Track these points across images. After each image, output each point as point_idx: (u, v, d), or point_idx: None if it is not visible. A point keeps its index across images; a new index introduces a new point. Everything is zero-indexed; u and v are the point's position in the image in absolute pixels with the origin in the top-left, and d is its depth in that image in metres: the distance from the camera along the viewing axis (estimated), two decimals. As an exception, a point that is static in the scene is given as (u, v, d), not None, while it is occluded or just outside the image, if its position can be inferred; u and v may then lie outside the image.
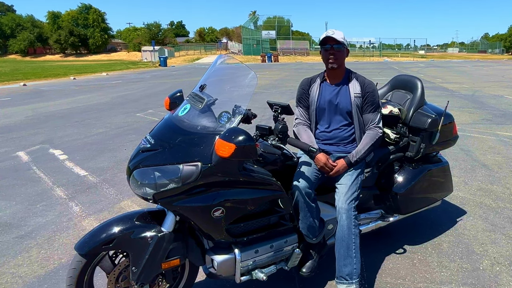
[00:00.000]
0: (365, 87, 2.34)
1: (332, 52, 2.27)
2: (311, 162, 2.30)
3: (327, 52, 2.29)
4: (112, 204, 3.81)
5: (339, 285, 2.25)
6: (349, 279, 2.21)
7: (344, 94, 2.36)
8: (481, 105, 9.68)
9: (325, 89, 2.41)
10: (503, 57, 57.00)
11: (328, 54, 2.28)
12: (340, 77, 2.39)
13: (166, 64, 33.35)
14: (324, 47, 2.29)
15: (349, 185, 2.26)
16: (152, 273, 1.90)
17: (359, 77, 2.40)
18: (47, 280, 2.56)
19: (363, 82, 2.36)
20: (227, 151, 1.68)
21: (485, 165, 4.87)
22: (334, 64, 2.30)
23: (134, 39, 66.72)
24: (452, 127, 2.97)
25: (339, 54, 2.28)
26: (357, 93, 2.33)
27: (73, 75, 22.20)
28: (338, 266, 2.25)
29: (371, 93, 2.34)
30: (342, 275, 2.22)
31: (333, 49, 2.26)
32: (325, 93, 2.40)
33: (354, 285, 2.21)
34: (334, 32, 2.26)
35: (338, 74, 2.38)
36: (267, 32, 51.55)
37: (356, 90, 2.34)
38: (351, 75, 2.40)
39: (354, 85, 2.35)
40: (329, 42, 2.26)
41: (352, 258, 2.21)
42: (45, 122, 8.12)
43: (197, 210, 1.82)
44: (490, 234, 3.11)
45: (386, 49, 65.25)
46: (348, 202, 2.22)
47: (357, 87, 2.35)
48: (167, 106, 2.15)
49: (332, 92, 2.38)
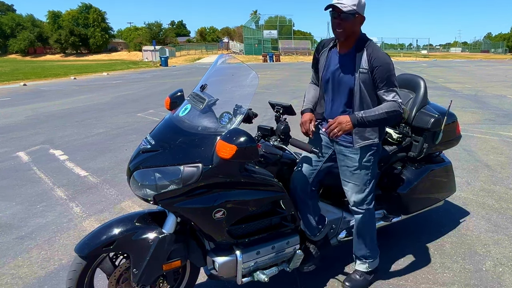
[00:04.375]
0: (372, 61, 1.96)
1: (339, 21, 1.93)
2: (309, 159, 2.25)
3: (332, 21, 1.96)
4: (113, 204, 3.79)
5: (355, 259, 2.45)
6: (364, 259, 2.41)
7: (348, 67, 2.03)
8: (483, 105, 9.65)
9: (332, 57, 2.12)
10: (506, 56, 56.87)
11: (334, 23, 1.95)
12: (350, 45, 2.05)
13: (167, 64, 33.33)
14: (331, 13, 1.95)
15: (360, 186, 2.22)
16: (153, 274, 1.88)
17: (369, 47, 2.00)
18: (47, 281, 2.54)
19: (371, 55, 1.97)
20: (228, 152, 1.66)
21: (488, 165, 4.84)
22: (341, 36, 1.98)
23: (135, 38, 66.74)
24: (455, 127, 2.95)
25: (346, 23, 1.92)
26: (363, 69, 1.98)
27: (73, 75, 22.20)
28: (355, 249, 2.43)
29: (380, 68, 1.95)
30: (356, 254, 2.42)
31: (339, 18, 1.93)
32: (331, 62, 2.12)
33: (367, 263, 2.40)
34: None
35: (348, 41, 2.04)
36: (269, 31, 51.54)
37: (363, 65, 1.99)
38: (364, 44, 2.01)
39: (362, 58, 1.99)
40: (335, 9, 1.92)
41: (366, 245, 2.36)
42: (45, 122, 8.12)
43: (198, 212, 1.80)
44: (493, 234, 3.09)
45: (388, 48, 65.22)
46: (361, 199, 2.22)
47: (364, 61, 1.98)
48: (167, 106, 2.14)
49: (338, 63, 2.08)
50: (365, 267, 2.41)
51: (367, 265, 2.41)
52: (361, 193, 2.21)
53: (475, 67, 27.88)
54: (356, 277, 2.42)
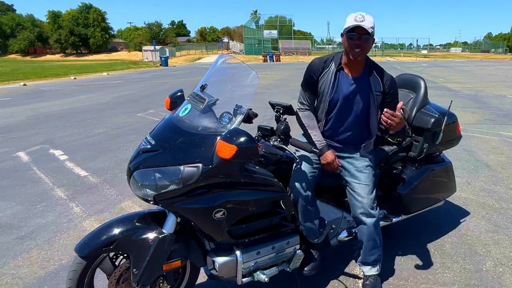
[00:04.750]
0: (387, 85, 2.12)
1: (359, 43, 1.98)
2: (307, 162, 2.22)
3: (352, 42, 1.99)
4: (113, 205, 3.79)
5: (363, 266, 2.38)
6: (375, 264, 2.35)
7: (364, 91, 2.11)
8: (484, 105, 9.64)
9: (342, 80, 2.13)
10: (506, 56, 56.82)
11: (354, 44, 1.99)
12: (360, 68, 2.13)
13: (167, 63, 33.33)
14: (350, 35, 1.99)
15: (371, 187, 2.22)
16: (153, 274, 1.88)
17: (379, 70, 2.15)
18: (48, 281, 2.54)
19: (385, 79, 2.13)
20: (228, 152, 1.66)
21: (488, 165, 4.84)
22: (360, 55, 2.03)
23: (135, 38, 66.72)
24: (456, 127, 2.95)
25: (366, 45, 2.01)
26: (378, 92, 2.11)
27: (73, 75, 22.20)
28: (364, 255, 2.35)
29: (394, 92, 2.14)
30: (368, 261, 2.34)
31: (360, 40, 1.98)
32: (342, 85, 2.13)
33: (377, 266, 2.35)
34: (364, 19, 1.95)
35: (359, 64, 2.12)
36: (269, 31, 51.52)
37: (377, 88, 2.11)
38: (372, 66, 2.14)
39: (376, 81, 2.11)
40: (357, 30, 1.96)
41: (378, 248, 2.31)
42: (45, 122, 8.12)
43: (198, 212, 1.80)
44: (493, 235, 3.09)
45: (388, 48, 65.16)
46: (368, 204, 2.19)
47: (379, 83, 2.11)
48: (167, 106, 2.13)
49: (351, 86, 2.12)
50: (376, 270, 2.37)
51: (377, 267, 2.37)
52: (371, 193, 2.21)
53: (475, 67, 27.88)
54: (372, 281, 2.35)
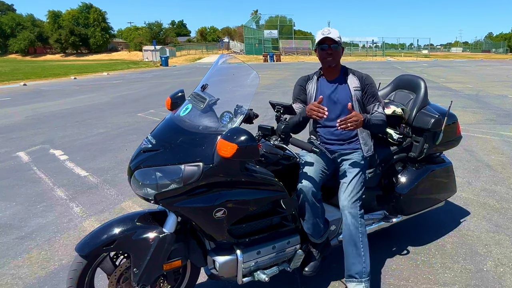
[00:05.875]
0: (363, 80, 2.39)
1: (330, 52, 2.31)
2: (314, 162, 2.28)
3: (324, 52, 2.32)
4: (113, 205, 3.79)
5: (348, 283, 2.23)
6: (359, 277, 2.20)
7: (343, 88, 2.39)
8: (484, 105, 9.64)
9: (322, 84, 2.44)
10: (507, 56, 56.83)
11: (326, 53, 2.32)
12: (337, 73, 2.44)
13: (168, 63, 33.35)
14: (321, 47, 2.32)
15: (354, 184, 2.26)
16: (154, 274, 1.88)
17: (355, 71, 2.45)
18: (48, 281, 2.54)
19: (361, 76, 2.41)
20: (229, 151, 1.66)
21: (488, 165, 4.84)
22: (332, 63, 2.34)
23: (135, 38, 66.69)
24: (456, 127, 2.95)
25: (336, 53, 2.32)
26: (356, 87, 2.37)
27: (73, 75, 22.21)
28: (347, 265, 2.23)
29: (371, 85, 2.39)
30: (352, 274, 2.21)
31: (330, 49, 2.30)
32: (323, 88, 2.42)
33: (363, 283, 2.19)
34: (330, 32, 2.28)
35: (335, 71, 2.43)
36: (269, 31, 51.55)
37: (354, 84, 2.38)
38: (347, 70, 2.45)
39: (352, 79, 2.40)
40: (327, 42, 2.29)
41: (361, 256, 2.19)
42: (45, 122, 8.12)
43: (198, 211, 1.80)
44: (494, 235, 3.09)
45: (389, 48, 65.21)
46: (352, 201, 2.21)
47: (355, 81, 2.39)
48: (168, 106, 2.13)
49: (331, 87, 2.41)
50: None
51: (363, 285, 2.18)
52: (357, 193, 2.26)
53: (476, 67, 27.87)
54: None
